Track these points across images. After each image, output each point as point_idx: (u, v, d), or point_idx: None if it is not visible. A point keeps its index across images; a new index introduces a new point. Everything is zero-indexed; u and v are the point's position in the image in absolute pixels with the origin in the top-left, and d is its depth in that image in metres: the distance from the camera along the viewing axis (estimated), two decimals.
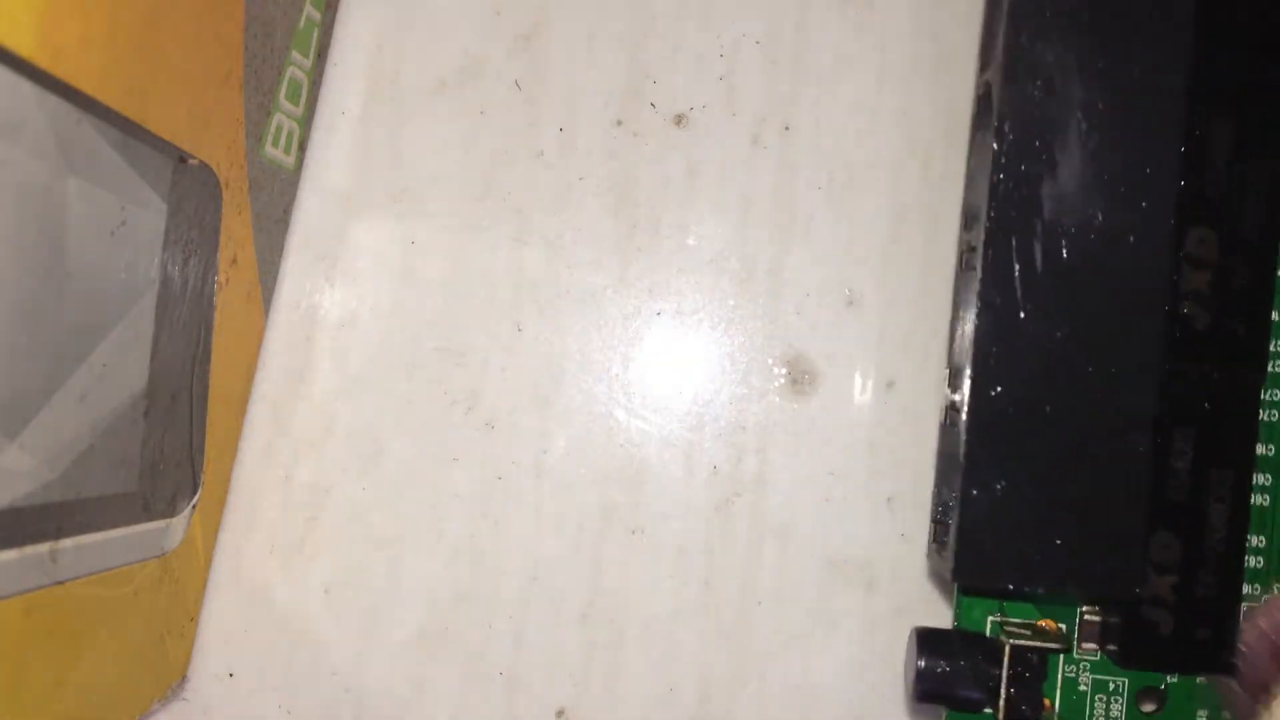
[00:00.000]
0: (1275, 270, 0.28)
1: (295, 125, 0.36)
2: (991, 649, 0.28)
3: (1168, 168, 0.27)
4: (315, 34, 0.36)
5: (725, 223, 0.35)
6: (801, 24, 0.36)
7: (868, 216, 0.36)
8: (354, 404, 0.37)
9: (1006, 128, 0.27)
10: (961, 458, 0.27)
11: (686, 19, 0.36)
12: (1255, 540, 0.28)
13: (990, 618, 0.29)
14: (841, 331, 0.36)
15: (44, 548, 0.29)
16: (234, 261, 0.34)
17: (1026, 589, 0.27)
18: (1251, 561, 0.29)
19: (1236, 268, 0.27)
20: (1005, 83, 0.27)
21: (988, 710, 0.28)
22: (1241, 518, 0.28)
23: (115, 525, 0.31)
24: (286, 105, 0.35)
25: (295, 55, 0.35)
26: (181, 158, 0.32)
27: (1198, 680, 0.28)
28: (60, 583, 0.29)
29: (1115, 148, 0.27)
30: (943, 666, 0.28)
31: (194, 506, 0.35)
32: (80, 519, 0.30)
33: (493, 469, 0.36)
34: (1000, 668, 0.28)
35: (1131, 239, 0.26)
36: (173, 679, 0.36)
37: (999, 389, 0.27)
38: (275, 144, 0.35)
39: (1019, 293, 0.27)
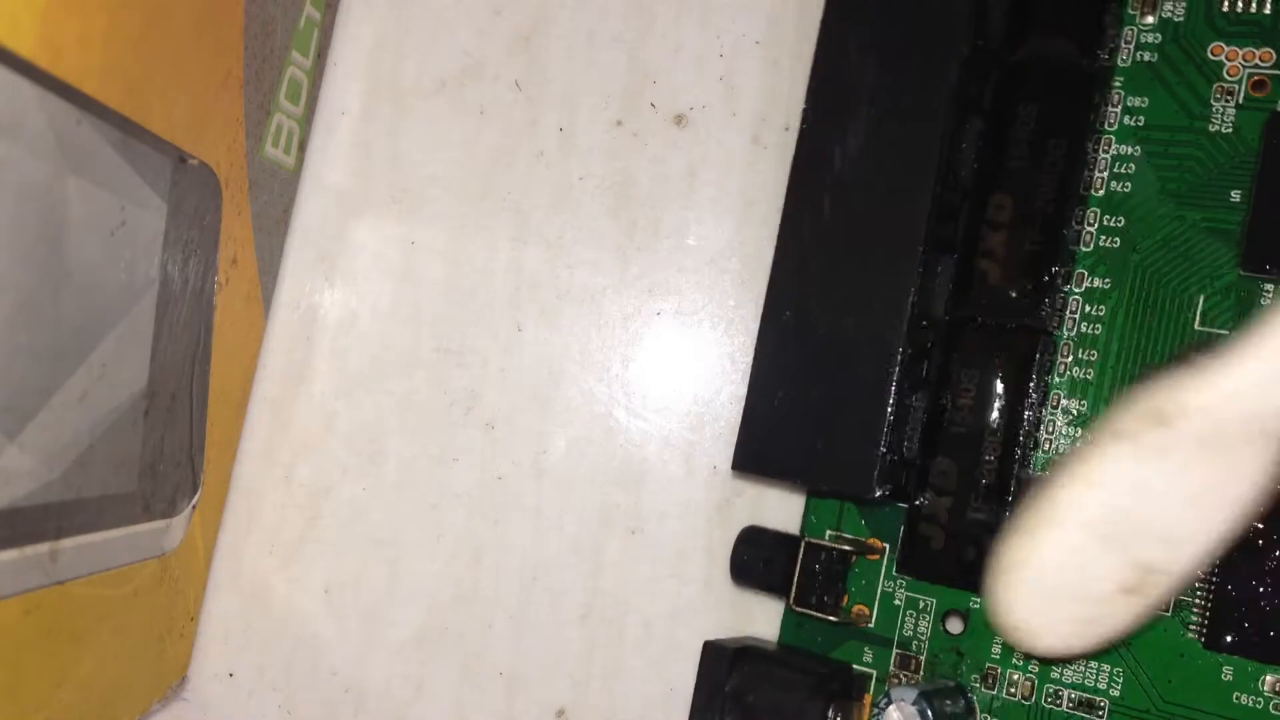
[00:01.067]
0: (1063, 236, 0.31)
1: (295, 125, 0.36)
2: (796, 545, 0.32)
3: (951, 136, 0.31)
4: (315, 34, 0.36)
5: (725, 223, 0.35)
6: (801, 24, 0.36)
7: None
8: (354, 404, 0.37)
9: (812, 95, 0.31)
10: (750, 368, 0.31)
11: (686, 19, 0.36)
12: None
13: (828, 530, 0.33)
14: None
15: (44, 548, 0.29)
16: (234, 261, 0.34)
17: (783, 478, 0.32)
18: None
19: (1032, 234, 0.31)
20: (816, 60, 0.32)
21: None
22: (1011, 453, 0.31)
23: (115, 525, 0.31)
24: (286, 105, 0.35)
25: (295, 55, 0.35)
26: (181, 158, 0.32)
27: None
28: (60, 583, 0.29)
29: (896, 121, 0.31)
30: (752, 555, 0.33)
31: (194, 506, 0.35)
32: (80, 519, 0.30)
33: (493, 469, 0.36)
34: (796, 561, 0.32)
35: (908, 196, 0.30)
36: (173, 679, 0.36)
37: (786, 314, 0.31)
38: (275, 144, 0.35)
39: (806, 237, 0.31)
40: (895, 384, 0.30)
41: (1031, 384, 0.31)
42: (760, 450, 0.31)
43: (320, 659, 0.36)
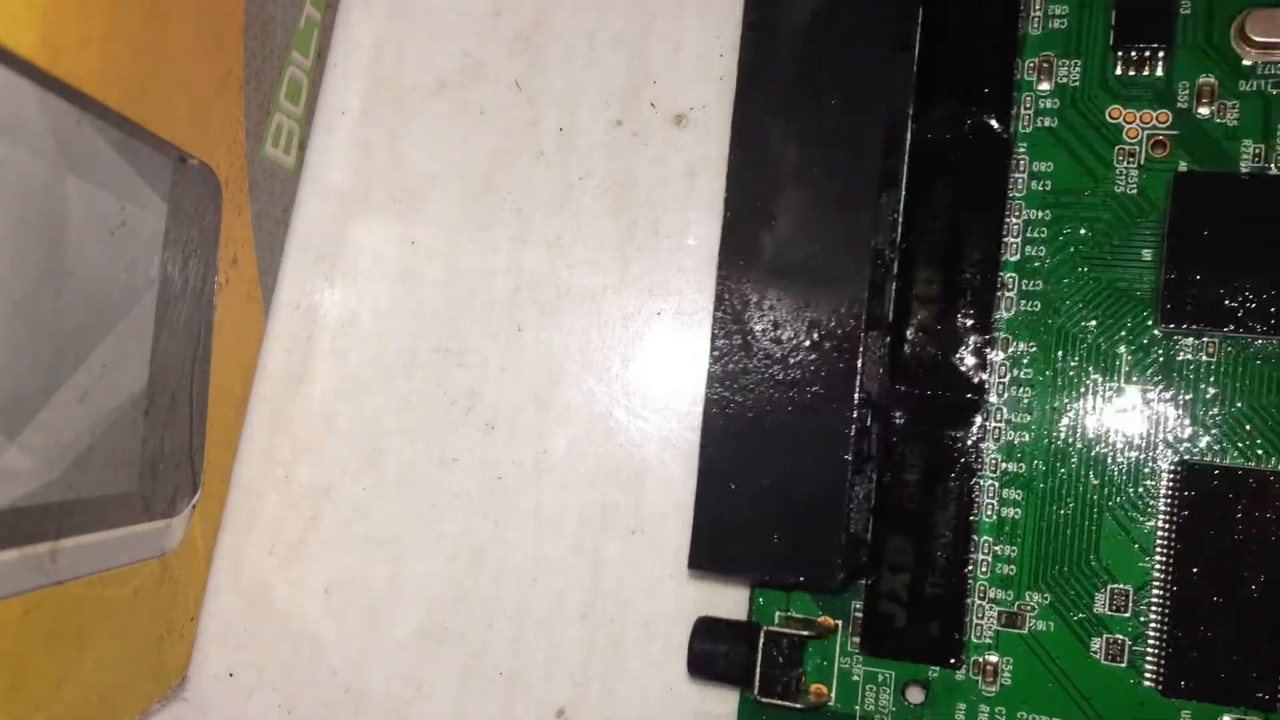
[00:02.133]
0: (993, 306, 0.32)
1: (295, 125, 0.36)
2: (754, 633, 0.32)
3: (881, 213, 0.30)
4: (315, 34, 0.36)
5: None
6: None
7: None
8: (354, 404, 0.37)
9: (733, 174, 0.31)
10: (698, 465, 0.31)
11: (686, 19, 0.36)
12: (1008, 550, 0.32)
13: (778, 612, 0.33)
14: None
15: (44, 548, 0.29)
16: (234, 261, 0.34)
17: (743, 575, 0.32)
18: (1004, 569, 0.32)
19: (959, 304, 0.32)
20: (734, 140, 0.31)
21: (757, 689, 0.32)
22: (965, 525, 0.31)
23: (115, 525, 0.31)
24: (286, 105, 0.35)
25: (295, 55, 0.35)
26: (181, 158, 0.32)
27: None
28: (60, 583, 0.29)
29: (825, 198, 0.31)
30: (709, 648, 0.32)
31: (194, 506, 0.35)
32: (80, 519, 0.30)
33: (493, 469, 0.36)
34: (756, 650, 0.32)
35: (843, 274, 0.30)
36: (173, 679, 0.36)
37: (728, 409, 0.31)
38: (275, 144, 0.35)
39: (740, 324, 0.31)
40: (850, 470, 0.30)
41: (974, 452, 0.32)
42: (715, 547, 0.31)
43: (320, 659, 0.36)
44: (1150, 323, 0.31)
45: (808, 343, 0.31)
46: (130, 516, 0.32)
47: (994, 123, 0.32)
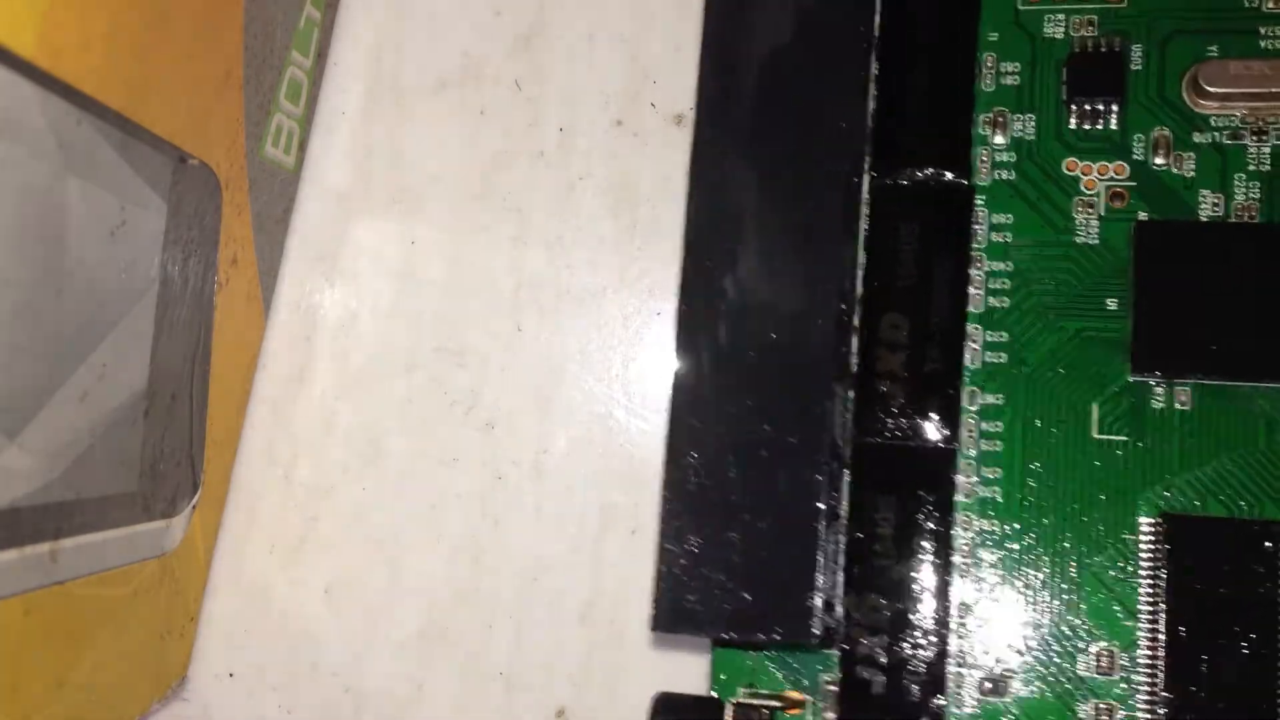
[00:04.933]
0: (962, 352, 0.31)
1: (295, 125, 0.36)
2: (717, 711, 0.30)
3: (843, 260, 0.30)
4: (315, 34, 0.36)
5: None
6: None
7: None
8: (354, 404, 0.37)
9: (693, 223, 0.30)
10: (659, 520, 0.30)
11: (686, 19, 0.36)
12: (989, 609, 0.30)
13: (741, 689, 0.31)
14: None
15: (44, 548, 0.29)
16: (234, 261, 0.34)
17: (712, 634, 0.30)
18: (978, 629, 0.31)
19: (927, 350, 0.31)
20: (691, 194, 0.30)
21: None
22: (943, 581, 0.30)
23: (115, 525, 0.31)
24: (286, 105, 0.35)
25: (295, 55, 0.35)
26: (181, 158, 0.32)
27: None
28: (60, 583, 0.29)
29: (789, 258, 0.30)
30: None
31: (194, 506, 0.35)
32: (80, 519, 0.30)
33: (493, 469, 0.36)
34: None
35: (807, 322, 0.30)
36: (173, 679, 0.36)
37: (691, 455, 0.29)
38: (275, 144, 0.35)
39: (703, 374, 0.30)
40: (824, 520, 0.29)
41: (947, 507, 0.30)
42: (681, 607, 0.29)
43: (320, 659, 0.36)
44: (1122, 372, 0.31)
45: (774, 391, 0.29)
46: (130, 516, 0.32)
47: (952, 174, 0.32)
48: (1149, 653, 0.30)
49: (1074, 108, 0.32)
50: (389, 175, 0.37)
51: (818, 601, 0.29)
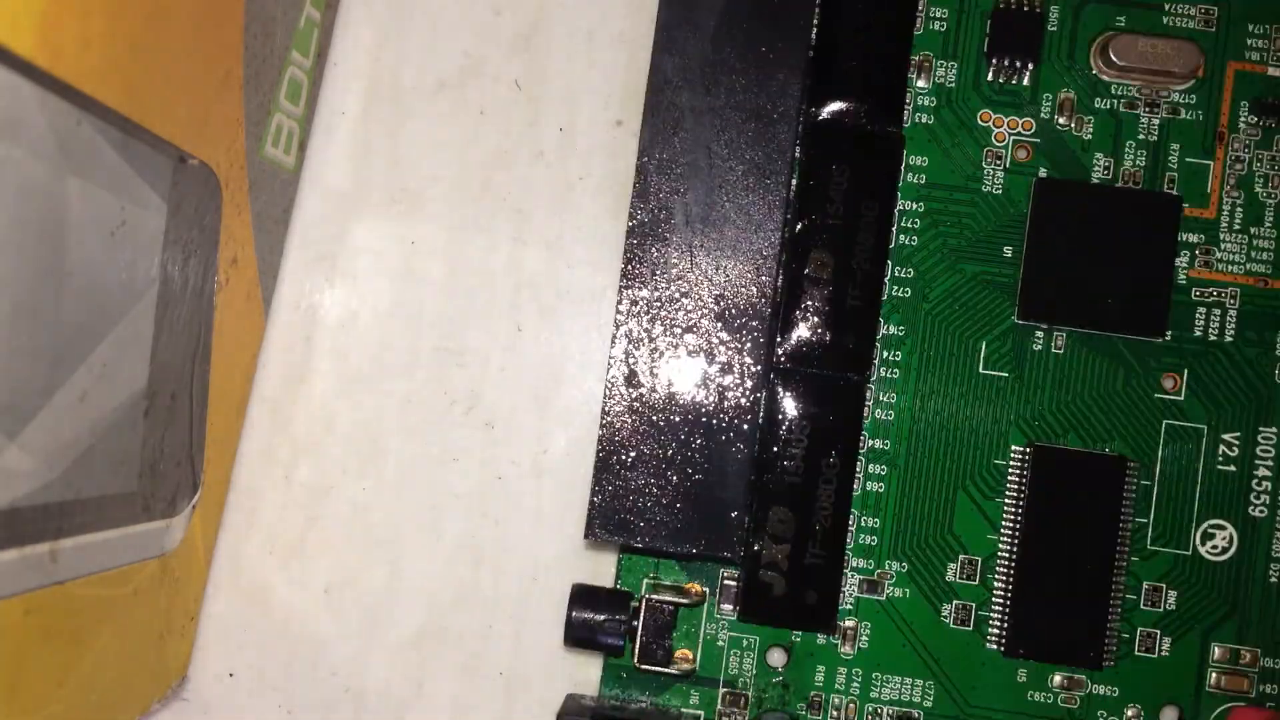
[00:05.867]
0: (881, 291, 0.34)
1: (295, 125, 0.36)
2: (629, 602, 0.33)
3: (775, 205, 0.33)
4: (315, 34, 0.36)
5: None
6: None
7: None
8: (354, 404, 0.37)
9: (645, 165, 0.33)
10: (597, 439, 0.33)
11: None
12: (871, 521, 0.34)
13: (645, 579, 0.34)
14: None
15: (44, 548, 0.29)
16: (234, 261, 0.34)
17: (644, 544, 0.33)
18: (867, 540, 0.34)
19: (849, 288, 0.33)
20: (646, 124, 0.34)
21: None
22: (845, 500, 0.33)
23: (115, 525, 0.31)
24: (286, 105, 0.35)
25: (295, 55, 0.35)
26: (181, 158, 0.32)
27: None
28: (60, 583, 0.29)
29: (734, 191, 0.33)
30: (587, 616, 0.33)
31: (194, 506, 0.35)
32: (80, 519, 0.30)
33: (492, 469, 0.36)
34: (636, 618, 0.33)
35: (743, 262, 0.33)
36: (173, 679, 0.36)
37: (633, 367, 0.33)
38: (275, 144, 0.35)
39: (649, 296, 0.33)
40: (747, 442, 0.32)
41: (855, 432, 0.33)
42: (614, 517, 0.32)
43: (320, 659, 0.36)
44: (1008, 315, 0.34)
45: (715, 317, 0.33)
46: (130, 516, 0.32)
47: (887, 120, 0.34)
48: (1005, 563, 0.34)
49: (994, 61, 0.34)
50: (389, 175, 0.37)
51: (742, 519, 0.32)
